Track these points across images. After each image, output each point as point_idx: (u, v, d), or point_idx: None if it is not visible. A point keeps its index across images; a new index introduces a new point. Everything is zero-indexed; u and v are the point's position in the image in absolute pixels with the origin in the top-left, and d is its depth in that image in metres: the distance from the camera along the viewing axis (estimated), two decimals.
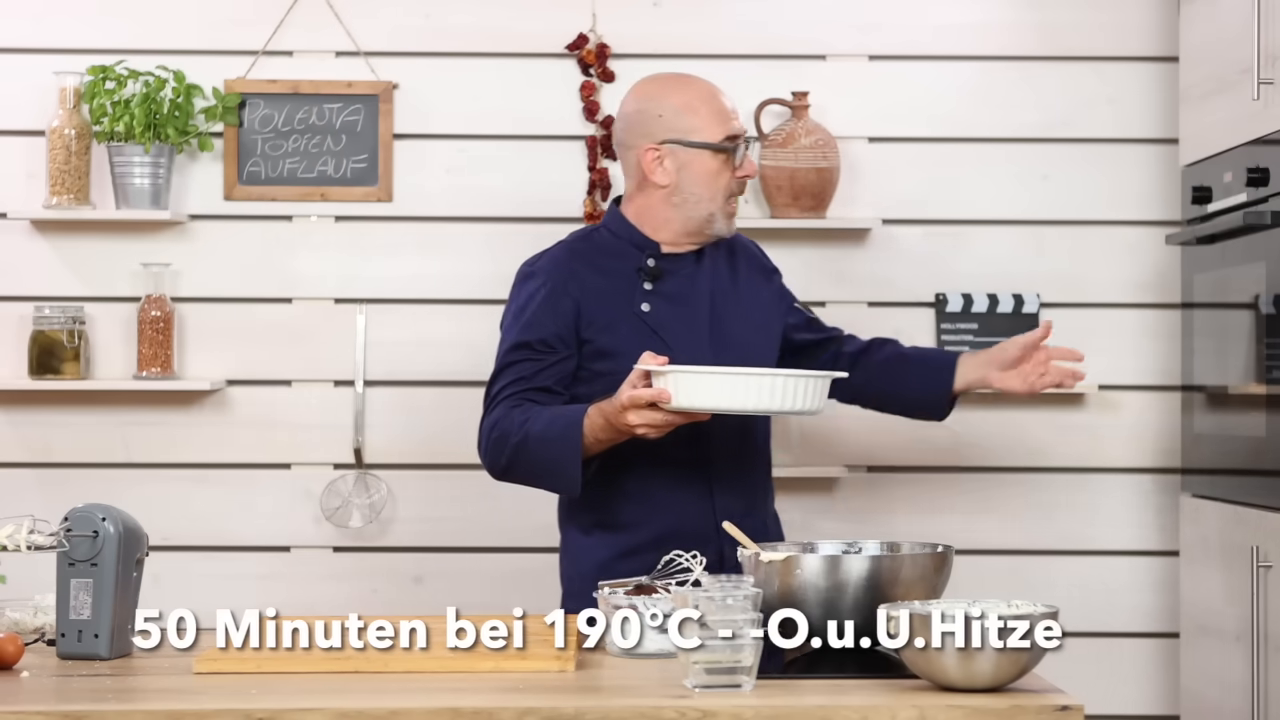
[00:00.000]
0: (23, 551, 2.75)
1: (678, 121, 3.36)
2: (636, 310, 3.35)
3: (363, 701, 2.45)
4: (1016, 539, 4.49)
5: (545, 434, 3.23)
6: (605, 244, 3.42)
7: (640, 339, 3.27)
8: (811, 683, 2.60)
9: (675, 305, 3.38)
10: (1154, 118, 4.50)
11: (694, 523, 3.34)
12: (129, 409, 4.47)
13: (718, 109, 3.36)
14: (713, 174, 3.35)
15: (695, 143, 3.35)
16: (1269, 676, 3.69)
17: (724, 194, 3.36)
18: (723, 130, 3.34)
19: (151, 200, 4.39)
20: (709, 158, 3.35)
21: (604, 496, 3.36)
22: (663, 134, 3.35)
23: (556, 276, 3.36)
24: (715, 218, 3.37)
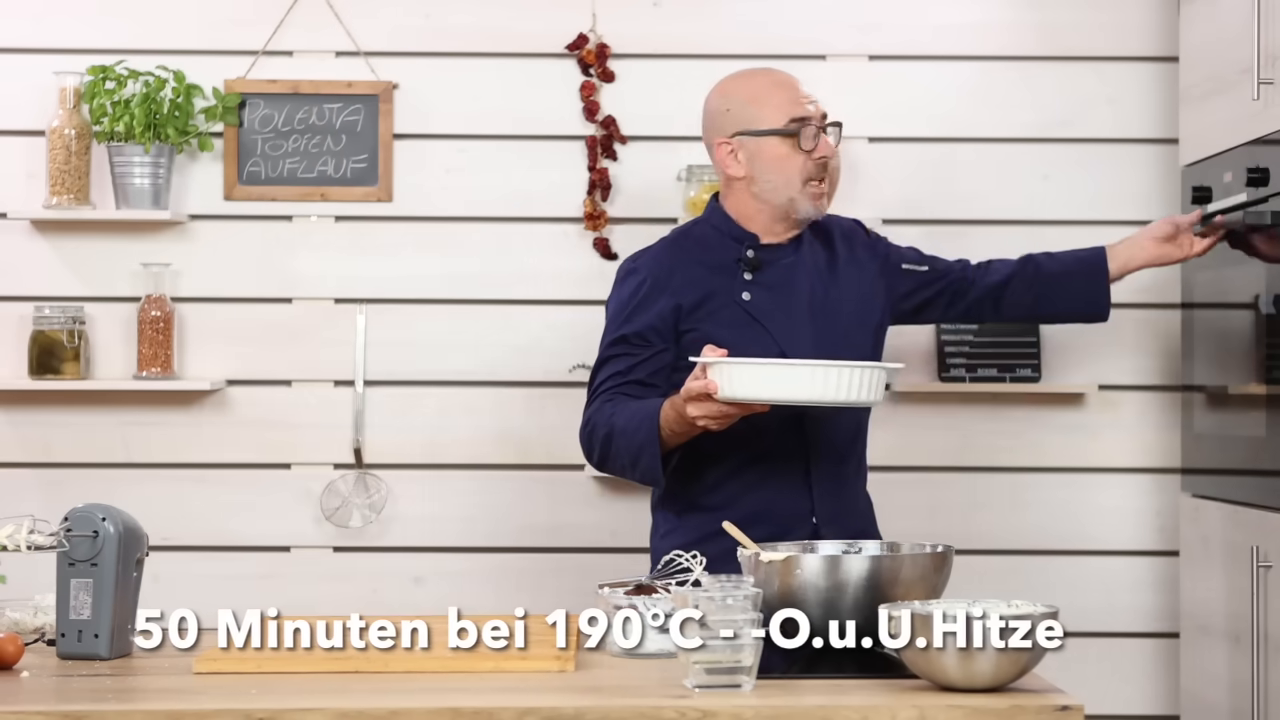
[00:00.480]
0: (23, 551, 2.75)
1: (744, 113, 3.46)
2: (738, 300, 3.42)
3: (363, 701, 2.45)
4: (1016, 539, 4.49)
5: (627, 428, 3.31)
6: (706, 238, 3.50)
7: (743, 329, 3.37)
8: (811, 683, 2.60)
9: (776, 294, 3.45)
10: (1154, 118, 4.50)
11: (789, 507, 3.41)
12: (129, 409, 4.47)
13: (783, 95, 3.45)
14: (782, 159, 3.43)
15: (760, 130, 3.43)
16: (1269, 676, 3.69)
17: (800, 177, 3.43)
18: (786, 114, 3.43)
19: (151, 200, 4.39)
20: (776, 143, 3.43)
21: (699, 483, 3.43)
22: (732, 127, 3.47)
23: (656, 272, 3.44)
24: (796, 202, 3.44)
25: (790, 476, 3.44)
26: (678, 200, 4.45)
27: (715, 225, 3.50)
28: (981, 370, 4.45)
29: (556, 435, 4.46)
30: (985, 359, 4.45)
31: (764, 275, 3.46)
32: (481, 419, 4.48)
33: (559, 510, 4.47)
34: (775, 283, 3.46)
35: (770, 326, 3.41)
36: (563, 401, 4.47)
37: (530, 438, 4.48)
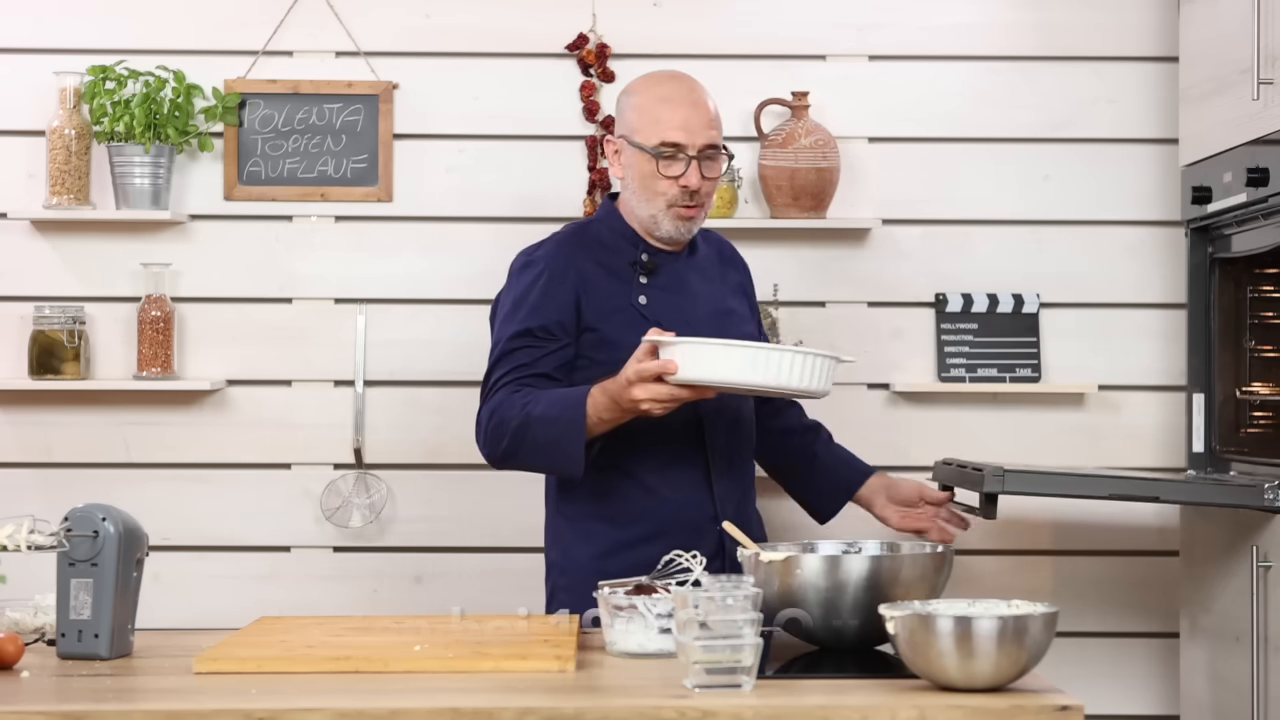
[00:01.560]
0: (23, 551, 2.75)
1: (631, 119, 3.43)
2: (634, 302, 3.38)
3: (363, 701, 2.45)
4: (1016, 539, 4.49)
5: (547, 414, 3.24)
6: (600, 236, 3.46)
7: (638, 331, 3.28)
8: (811, 683, 2.60)
9: (672, 298, 3.42)
10: (1154, 118, 4.50)
11: (694, 514, 3.37)
12: (129, 409, 4.47)
13: (666, 114, 3.38)
14: (646, 176, 3.39)
15: (634, 143, 3.40)
16: (1269, 676, 3.69)
17: (663, 199, 3.38)
18: (659, 136, 3.36)
19: (151, 200, 4.39)
20: (645, 160, 3.39)
21: (602, 489, 3.38)
22: (619, 129, 3.45)
23: (557, 265, 3.39)
24: (658, 219, 3.40)
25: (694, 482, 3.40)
26: None
27: (610, 225, 3.46)
28: (981, 370, 4.46)
29: None
30: (985, 359, 4.46)
31: (658, 279, 3.42)
32: None
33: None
34: (670, 287, 3.43)
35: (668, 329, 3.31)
36: None
37: None
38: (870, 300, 4.48)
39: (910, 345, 4.48)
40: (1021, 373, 4.46)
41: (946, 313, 4.47)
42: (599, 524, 3.40)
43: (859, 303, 4.48)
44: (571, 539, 3.44)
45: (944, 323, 4.47)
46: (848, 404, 4.39)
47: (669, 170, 3.36)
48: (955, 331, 4.45)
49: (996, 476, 3.56)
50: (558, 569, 3.48)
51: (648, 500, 3.38)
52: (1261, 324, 4.11)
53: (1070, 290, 4.50)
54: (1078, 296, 4.51)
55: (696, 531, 3.31)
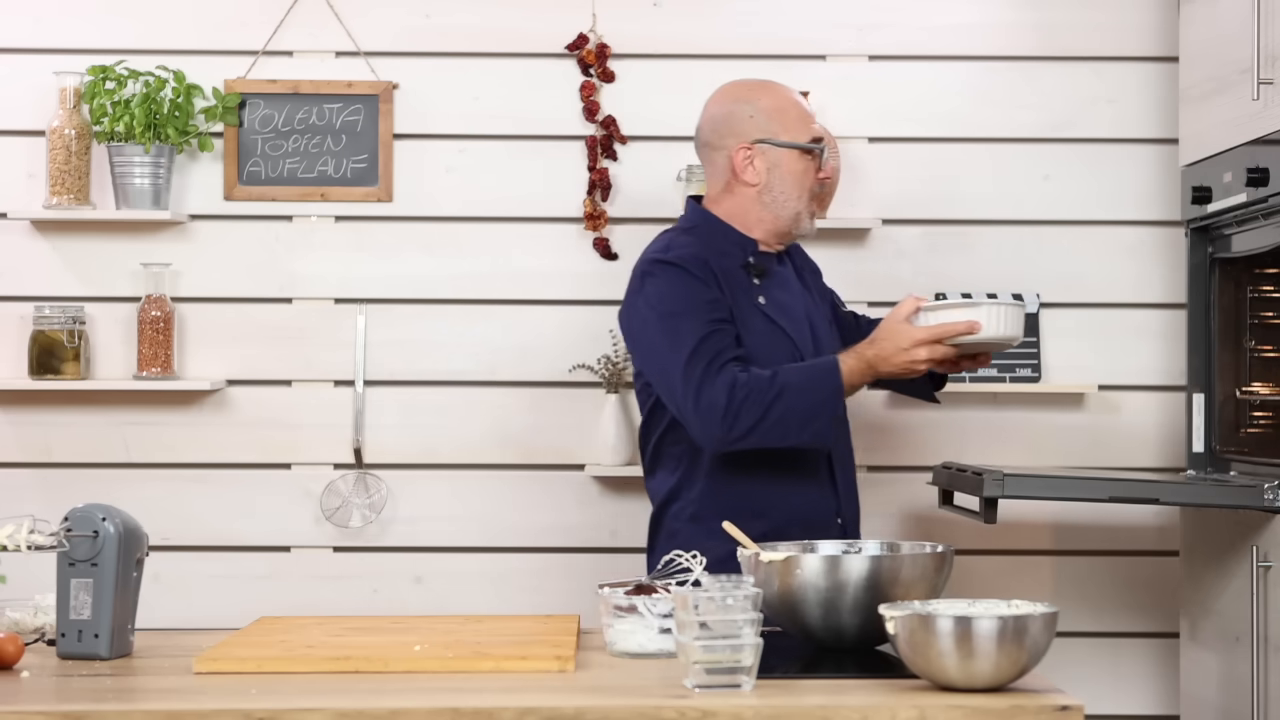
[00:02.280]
0: (23, 551, 2.75)
1: (768, 122, 3.49)
2: (755, 303, 3.46)
3: (363, 701, 2.45)
4: (1016, 539, 4.49)
5: (803, 382, 3.32)
6: (707, 239, 3.50)
7: (763, 330, 3.42)
8: (811, 683, 2.60)
9: (781, 299, 3.51)
10: (1154, 118, 4.50)
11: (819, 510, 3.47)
12: (129, 409, 4.47)
13: (804, 113, 3.52)
14: (799, 174, 3.49)
15: (783, 142, 3.48)
16: (1269, 676, 3.69)
17: (809, 194, 3.50)
18: (809, 132, 3.49)
19: (151, 200, 4.39)
20: (797, 158, 3.48)
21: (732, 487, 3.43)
22: (755, 133, 3.49)
23: (701, 264, 3.43)
24: (801, 217, 3.51)
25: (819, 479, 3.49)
26: (678, 200, 4.45)
27: (712, 229, 3.51)
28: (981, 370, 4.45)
29: (556, 435, 4.46)
30: None
31: (768, 281, 3.50)
32: (481, 419, 4.48)
33: (559, 510, 4.48)
34: (778, 288, 3.51)
35: (788, 329, 3.47)
36: (563, 401, 4.48)
37: (530, 438, 4.48)
38: (870, 300, 4.47)
39: None
40: (1021, 373, 4.46)
41: None
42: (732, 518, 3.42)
43: (859, 303, 4.48)
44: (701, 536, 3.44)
45: None
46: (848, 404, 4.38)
47: (822, 166, 3.50)
48: None
49: (996, 481, 3.58)
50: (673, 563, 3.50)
51: (780, 496, 3.44)
52: (1261, 324, 4.11)
53: (1070, 290, 4.50)
54: (1078, 296, 4.51)
55: (820, 527, 3.40)
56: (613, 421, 4.40)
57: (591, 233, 4.48)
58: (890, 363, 3.32)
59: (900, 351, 3.31)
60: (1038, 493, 3.72)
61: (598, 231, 4.47)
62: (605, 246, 4.47)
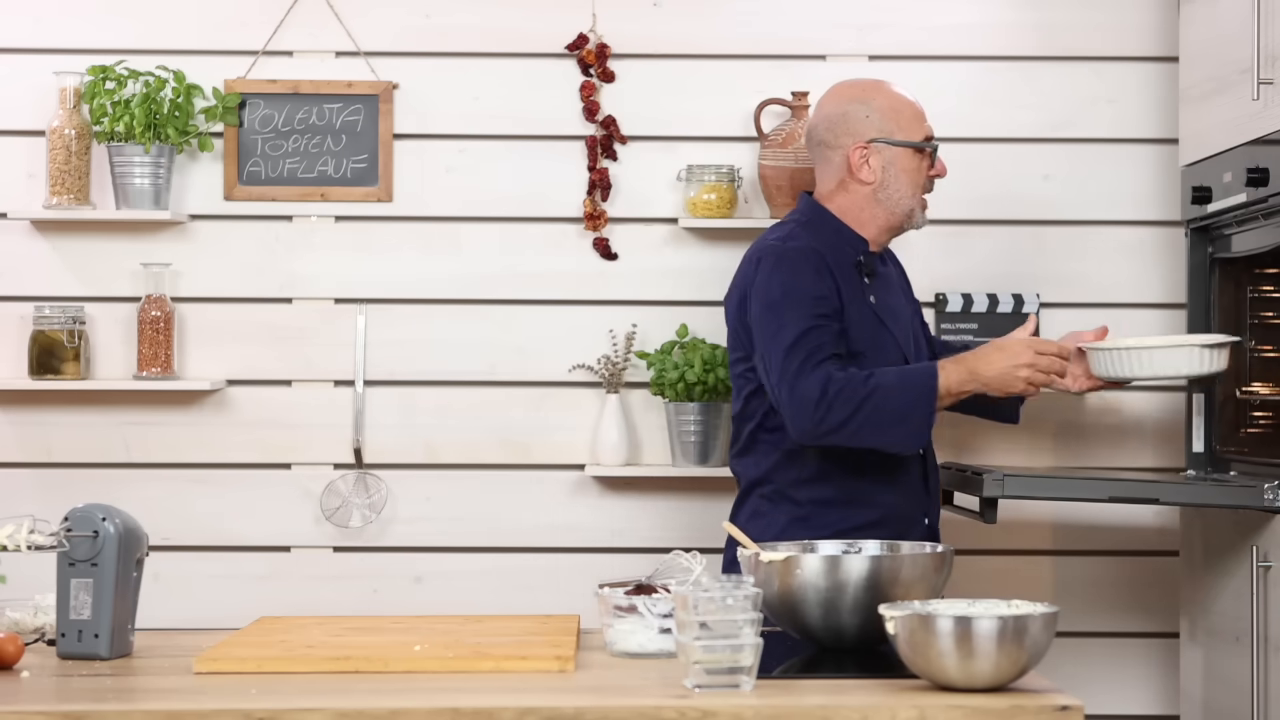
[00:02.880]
0: (23, 551, 2.75)
1: (883, 122, 3.61)
2: (867, 300, 3.53)
3: (363, 701, 2.45)
4: (1016, 539, 4.49)
5: (898, 384, 3.39)
6: (825, 234, 3.58)
7: (872, 327, 3.51)
8: (811, 683, 2.60)
9: (887, 297, 3.59)
10: (1154, 118, 4.50)
11: (912, 508, 3.56)
12: (129, 409, 4.47)
13: (917, 111, 3.64)
14: (913, 171, 3.61)
15: (899, 141, 3.59)
16: (1269, 676, 3.69)
17: (922, 191, 3.63)
18: (922, 131, 3.62)
19: (152, 200, 4.39)
20: (911, 156, 3.61)
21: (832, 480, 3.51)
22: (870, 133, 3.60)
23: (816, 256, 3.50)
24: (915, 213, 3.63)
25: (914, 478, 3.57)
26: (678, 200, 4.46)
27: (825, 225, 3.59)
28: None
29: (556, 435, 4.46)
30: None
31: (875, 281, 3.59)
32: (481, 419, 4.48)
33: (559, 510, 4.47)
34: (883, 290, 3.60)
35: (894, 330, 3.56)
36: (562, 401, 4.47)
37: (530, 438, 4.47)
38: None
39: None
40: None
41: (946, 313, 4.47)
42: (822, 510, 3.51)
43: None
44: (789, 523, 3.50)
45: (944, 323, 4.47)
46: None
47: (931, 161, 3.62)
48: (955, 331, 4.45)
49: (996, 481, 3.60)
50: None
51: (876, 492, 3.51)
52: (1261, 324, 4.10)
53: (1070, 290, 4.50)
54: (1078, 296, 4.50)
55: (907, 526, 3.48)
56: (613, 421, 4.40)
57: (591, 233, 4.48)
58: (993, 369, 3.42)
59: (1009, 369, 3.42)
60: (1037, 493, 3.74)
61: (598, 231, 4.47)
62: (605, 246, 4.47)
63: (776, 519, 3.55)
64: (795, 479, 3.54)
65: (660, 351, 4.36)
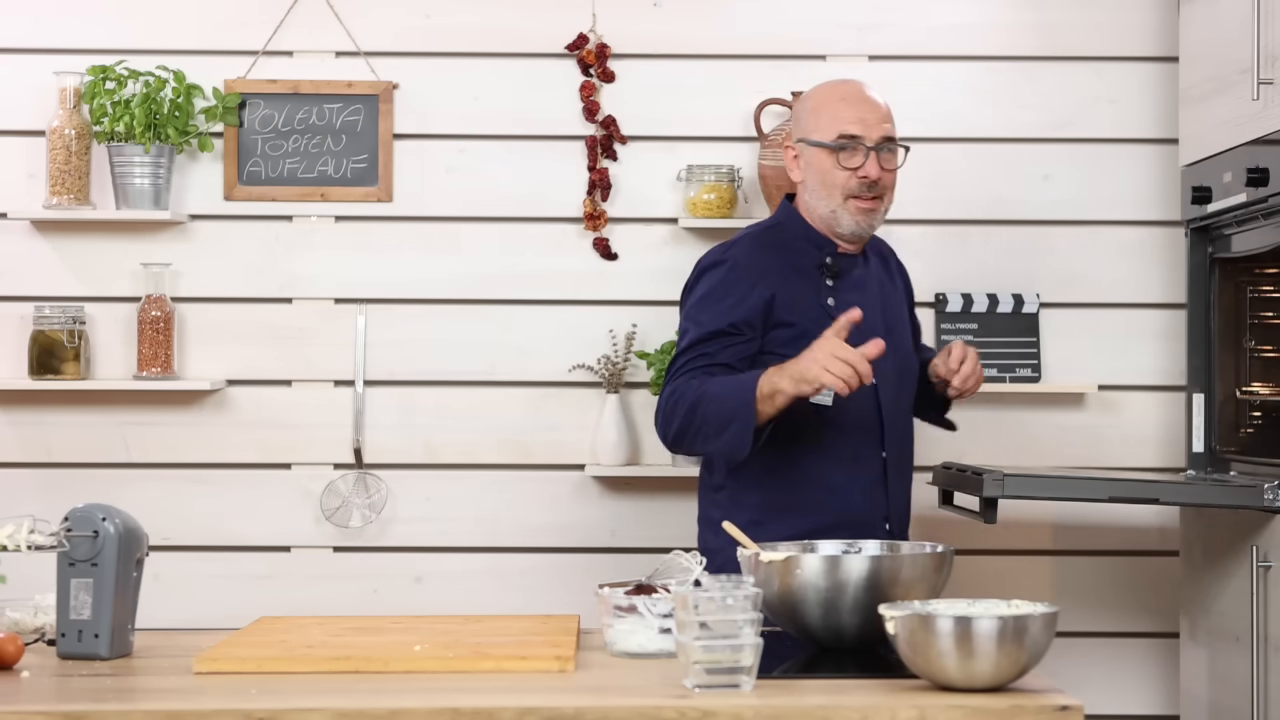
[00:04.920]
0: (23, 551, 2.75)
1: (806, 121, 3.54)
2: (824, 303, 3.47)
3: (363, 701, 2.45)
4: (1016, 539, 4.49)
5: (720, 392, 3.32)
6: (787, 239, 3.54)
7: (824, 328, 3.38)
8: (811, 683, 2.60)
9: (854, 300, 3.49)
10: (1154, 118, 4.50)
11: (869, 511, 3.48)
12: (129, 409, 4.47)
13: (844, 109, 3.50)
14: (826, 172, 3.49)
15: (812, 141, 3.50)
16: (1269, 676, 3.69)
17: (841, 192, 3.47)
18: (837, 129, 3.48)
19: (151, 200, 4.39)
20: (824, 156, 3.49)
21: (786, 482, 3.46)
22: (797, 133, 3.55)
23: (747, 265, 3.47)
24: (838, 216, 3.49)
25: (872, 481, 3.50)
26: (678, 200, 4.46)
27: (793, 227, 3.55)
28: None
29: (556, 435, 4.46)
30: (985, 359, 4.45)
31: (842, 282, 3.52)
32: (481, 419, 4.48)
33: (559, 510, 4.48)
34: (853, 290, 3.52)
35: (852, 334, 3.45)
36: (563, 401, 4.48)
37: (530, 438, 4.48)
38: None
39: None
40: (1021, 373, 4.46)
41: (946, 313, 4.47)
42: (778, 513, 3.45)
43: None
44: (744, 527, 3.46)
45: (944, 323, 4.47)
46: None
47: (848, 162, 3.46)
48: (955, 331, 4.45)
49: (996, 481, 3.59)
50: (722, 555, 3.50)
51: (829, 495, 3.45)
52: (1261, 324, 4.11)
53: (1070, 290, 4.50)
54: (1078, 296, 4.51)
55: (865, 528, 3.40)
56: (613, 421, 4.40)
57: (591, 233, 4.48)
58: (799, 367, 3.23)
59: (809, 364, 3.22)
60: (1038, 493, 3.72)
61: (598, 231, 4.47)
62: (605, 246, 4.47)
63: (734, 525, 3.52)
64: (746, 483, 3.49)
65: (660, 351, 4.36)
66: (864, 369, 3.20)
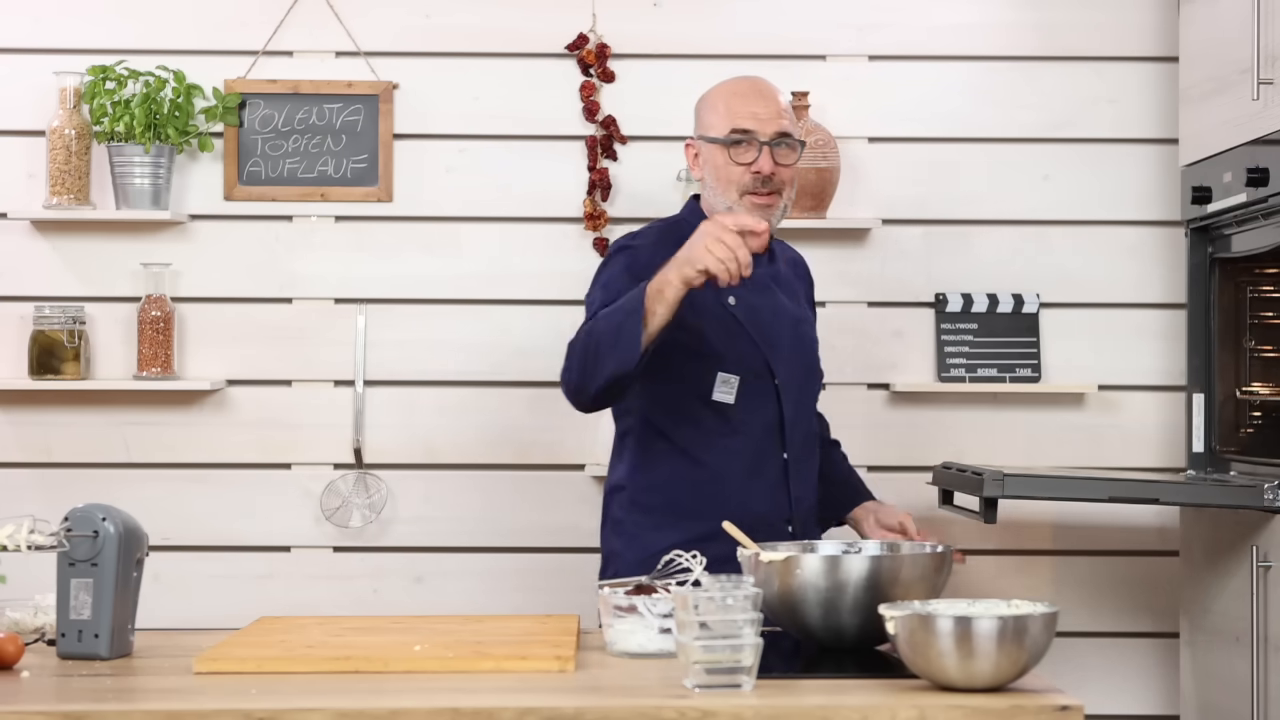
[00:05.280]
0: (23, 551, 2.75)
1: (703, 119, 3.53)
2: (724, 302, 3.45)
3: (363, 701, 2.45)
4: (1016, 539, 4.49)
5: (612, 308, 3.26)
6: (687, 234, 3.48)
7: (727, 329, 3.42)
8: (811, 683, 2.60)
9: (757, 300, 3.49)
10: (1154, 118, 4.50)
11: (771, 512, 3.45)
12: (129, 409, 4.47)
13: (735, 105, 3.48)
14: (720, 167, 3.47)
15: (708, 138, 3.49)
16: (1269, 676, 3.69)
17: (736, 189, 3.45)
18: (729, 124, 3.46)
19: (151, 200, 4.39)
20: (717, 151, 3.47)
21: (685, 484, 3.44)
22: (696, 132, 3.54)
23: (647, 258, 3.43)
24: (734, 211, 3.45)
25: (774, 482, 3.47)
26: (678, 200, 4.45)
27: (695, 224, 3.47)
28: (981, 370, 4.45)
29: (556, 435, 4.46)
30: (985, 359, 4.46)
31: (745, 281, 3.45)
32: (481, 419, 4.48)
33: (559, 510, 4.47)
34: (756, 289, 3.49)
35: (754, 332, 3.46)
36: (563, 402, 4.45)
37: (530, 438, 4.47)
38: (870, 300, 4.48)
39: (910, 345, 4.48)
40: (1021, 373, 4.46)
41: (946, 313, 4.47)
42: (676, 516, 3.43)
43: (859, 303, 4.48)
44: (644, 528, 3.45)
45: (944, 323, 4.47)
46: (848, 404, 4.39)
47: (741, 157, 3.44)
48: (955, 331, 4.45)
49: (996, 481, 3.58)
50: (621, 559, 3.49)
51: (730, 496, 3.41)
52: (1261, 324, 4.11)
53: (1070, 290, 4.50)
54: (1078, 296, 4.50)
55: (768, 530, 3.35)
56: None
57: (591, 233, 4.48)
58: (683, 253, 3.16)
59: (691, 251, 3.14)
60: (1038, 493, 3.72)
61: (598, 231, 4.47)
62: (605, 246, 4.46)
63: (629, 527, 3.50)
64: (647, 484, 3.48)
65: None
66: (743, 255, 3.12)
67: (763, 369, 3.46)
